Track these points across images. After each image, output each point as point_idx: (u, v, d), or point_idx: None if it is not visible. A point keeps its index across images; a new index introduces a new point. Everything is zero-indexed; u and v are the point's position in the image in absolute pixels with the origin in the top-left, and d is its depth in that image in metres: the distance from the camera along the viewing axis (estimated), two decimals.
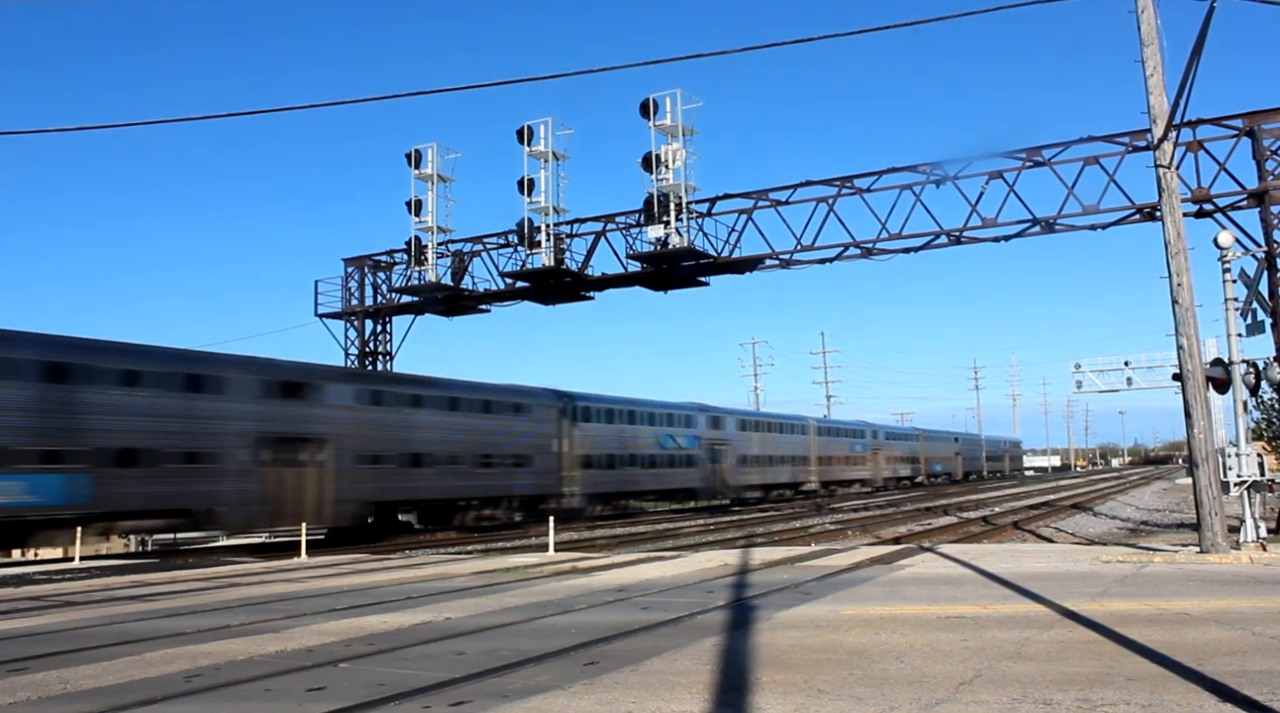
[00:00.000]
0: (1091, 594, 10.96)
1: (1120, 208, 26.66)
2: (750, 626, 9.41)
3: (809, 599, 11.33)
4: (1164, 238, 15.56)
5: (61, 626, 11.28)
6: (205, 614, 11.87)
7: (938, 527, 30.67)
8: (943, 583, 12.67)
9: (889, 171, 29.16)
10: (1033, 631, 8.60)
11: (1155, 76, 15.54)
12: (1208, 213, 25.76)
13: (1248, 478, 16.12)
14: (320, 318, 38.63)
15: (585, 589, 13.30)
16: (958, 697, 6.17)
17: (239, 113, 24.03)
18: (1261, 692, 6.03)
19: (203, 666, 8.16)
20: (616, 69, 14.51)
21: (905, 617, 9.69)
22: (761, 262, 31.14)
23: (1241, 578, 12.25)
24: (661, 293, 34.44)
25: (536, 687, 6.87)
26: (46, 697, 7.09)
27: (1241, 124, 25.33)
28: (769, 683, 6.74)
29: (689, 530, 32.72)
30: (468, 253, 35.55)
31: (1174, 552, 15.58)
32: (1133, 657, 7.27)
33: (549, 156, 32.32)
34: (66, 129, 16.48)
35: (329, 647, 8.98)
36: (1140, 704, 5.82)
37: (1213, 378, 16.96)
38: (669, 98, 30.00)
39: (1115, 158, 26.60)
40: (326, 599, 13.11)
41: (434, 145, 34.81)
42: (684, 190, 30.14)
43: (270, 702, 6.75)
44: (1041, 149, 27.57)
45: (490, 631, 9.72)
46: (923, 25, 24.74)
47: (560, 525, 32.44)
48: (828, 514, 40.42)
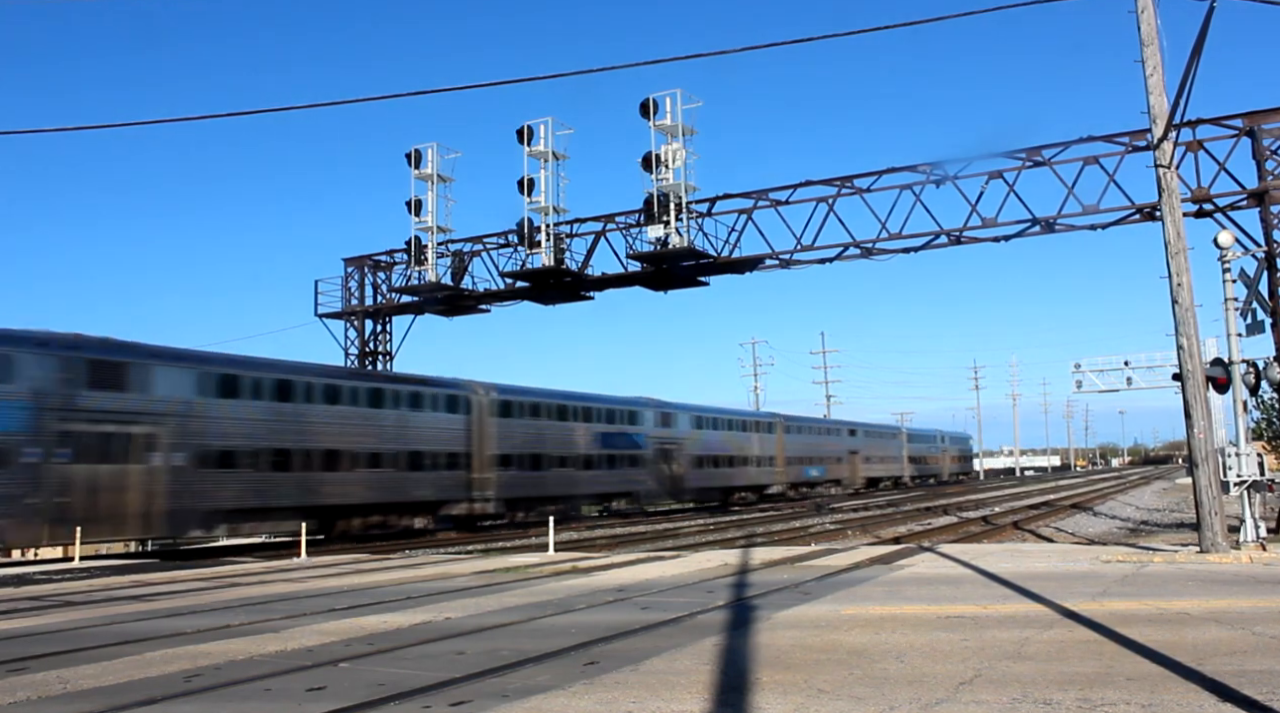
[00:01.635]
0: (1091, 594, 10.96)
1: (1120, 208, 26.67)
2: (750, 625, 9.41)
3: (809, 599, 11.33)
4: (1164, 238, 15.56)
5: (61, 625, 11.27)
6: (205, 614, 11.87)
7: (938, 527, 30.68)
8: (943, 583, 12.68)
9: (889, 171, 29.17)
10: (1033, 630, 8.60)
11: (1155, 76, 15.54)
12: (1208, 213, 25.77)
13: (1248, 478, 16.12)
14: (320, 318, 38.67)
15: (585, 589, 13.30)
16: (958, 697, 6.17)
17: (239, 113, 24.03)
18: (1261, 692, 6.03)
19: (203, 665, 8.16)
20: (616, 69, 14.52)
21: (905, 617, 9.69)
22: (761, 262, 31.15)
23: (1241, 578, 12.25)
24: (661, 293, 34.45)
25: (536, 687, 6.87)
26: (46, 697, 7.10)
27: (1241, 124, 25.33)
28: (769, 683, 6.74)
29: (689, 530, 32.73)
30: (468, 253, 35.57)
31: (1174, 552, 15.58)
32: (1133, 657, 7.28)
33: (549, 156, 32.33)
34: (66, 129, 16.49)
35: (329, 647, 8.99)
36: (1140, 704, 5.83)
37: (1213, 378, 16.96)
38: (669, 98, 30.02)
39: (1115, 158, 26.61)
40: (326, 599, 13.11)
41: (434, 145, 34.83)
42: (684, 190, 30.15)
43: (270, 702, 6.76)
44: (1041, 149, 27.57)
45: (490, 630, 9.72)
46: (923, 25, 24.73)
47: (560, 526, 32.47)
48: (827, 514, 40.44)
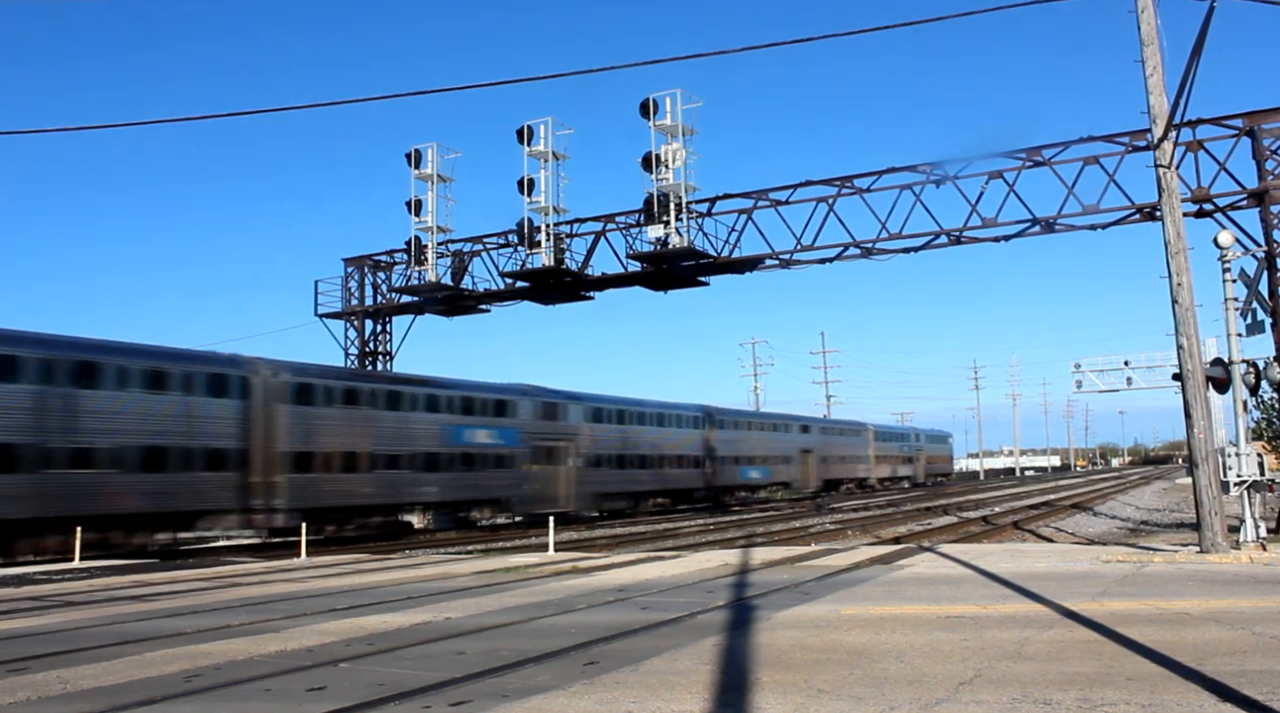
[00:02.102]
0: (1091, 594, 10.96)
1: (1120, 208, 26.67)
2: (750, 625, 9.41)
3: (809, 599, 11.33)
4: (1164, 238, 15.56)
5: (62, 625, 11.27)
6: (205, 614, 11.87)
7: (938, 527, 30.67)
8: (943, 583, 12.68)
9: (889, 171, 29.18)
10: (1033, 630, 8.60)
11: (1155, 76, 15.54)
12: (1208, 213, 25.77)
13: (1248, 478, 16.12)
14: (320, 318, 38.70)
15: (585, 589, 13.30)
16: (958, 697, 6.17)
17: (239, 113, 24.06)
18: (1261, 692, 6.03)
19: (203, 666, 8.16)
20: (616, 69, 14.53)
21: (905, 617, 9.69)
22: (761, 262, 31.16)
23: (1241, 578, 12.25)
24: (661, 293, 34.46)
25: (536, 687, 6.87)
26: (46, 697, 7.10)
27: (1241, 124, 25.34)
28: (769, 683, 6.74)
29: (689, 530, 32.74)
30: (468, 253, 35.57)
31: (1174, 552, 15.58)
32: (1133, 657, 7.28)
33: (549, 156, 32.35)
34: (66, 129, 16.52)
35: (329, 647, 8.99)
36: (1140, 704, 5.82)
37: (1213, 378, 16.95)
38: (669, 98, 30.03)
39: (1115, 158, 26.62)
40: (326, 599, 13.11)
41: (434, 145, 34.85)
42: (684, 190, 30.16)
43: (270, 702, 6.76)
44: (1041, 149, 27.58)
45: (490, 630, 9.72)
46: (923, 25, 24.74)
47: (561, 526, 32.46)
48: (828, 514, 40.50)
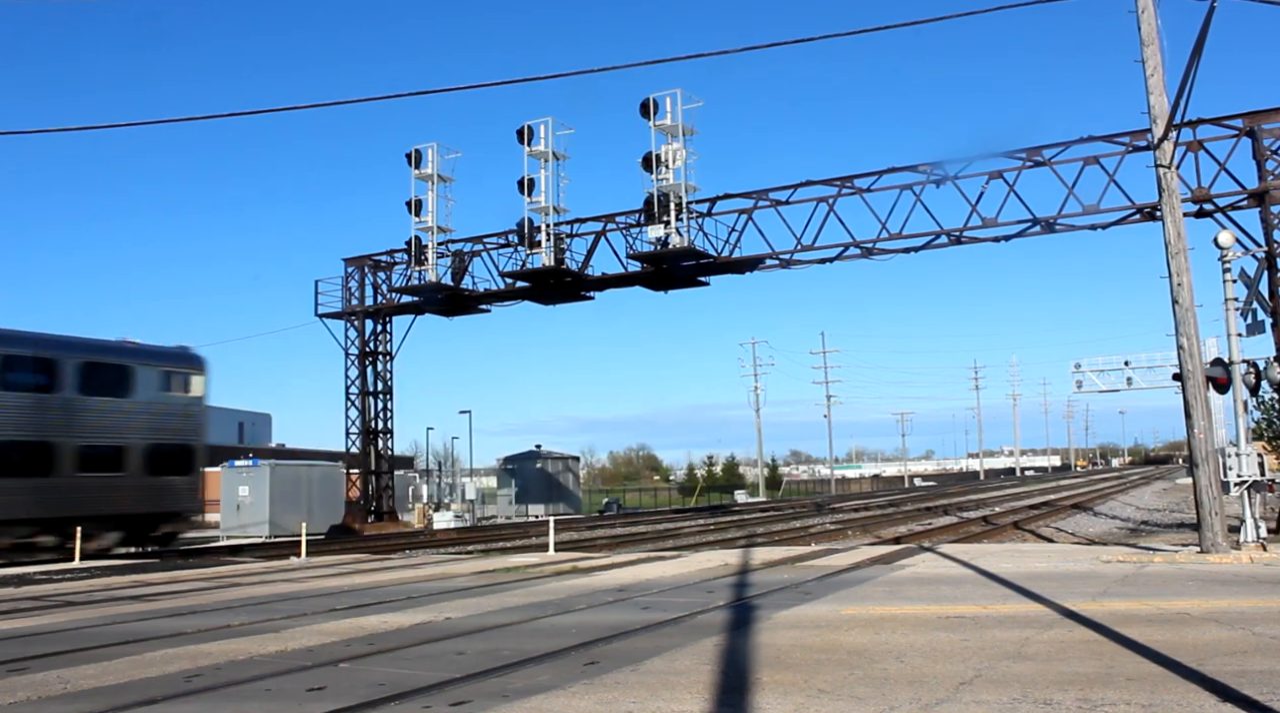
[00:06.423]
0: (1092, 594, 10.96)
1: (1120, 208, 26.69)
2: (750, 625, 9.41)
3: (809, 599, 11.33)
4: (1164, 238, 15.56)
5: (62, 625, 11.28)
6: (206, 614, 11.87)
7: (938, 527, 30.68)
8: (943, 583, 12.68)
9: (889, 171, 29.19)
10: (1033, 630, 8.60)
11: (1155, 76, 15.54)
12: (1208, 213, 25.78)
13: (1248, 478, 16.11)
14: (320, 318, 38.73)
15: (585, 589, 13.30)
16: (958, 697, 6.17)
17: (239, 113, 24.06)
18: (1262, 692, 6.03)
19: (203, 665, 8.16)
20: (616, 69, 14.54)
21: (905, 617, 9.69)
22: (761, 262, 31.17)
23: (1241, 578, 12.25)
24: (661, 293, 34.47)
25: (536, 687, 6.87)
26: (46, 697, 7.09)
27: (1241, 124, 25.34)
28: (769, 683, 6.74)
29: (689, 530, 32.74)
30: (468, 253, 35.59)
31: (1174, 552, 15.58)
32: (1133, 657, 7.27)
33: (549, 156, 32.36)
34: (67, 129, 16.51)
35: (329, 647, 8.99)
36: (1140, 704, 5.82)
37: (1213, 378, 16.95)
38: (669, 98, 30.05)
39: (1115, 158, 26.62)
40: (327, 599, 13.11)
41: (434, 145, 34.88)
42: (684, 190, 30.17)
43: (270, 702, 6.75)
44: (1041, 149, 27.59)
45: (490, 630, 9.72)
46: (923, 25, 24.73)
47: (561, 525, 32.45)
48: (828, 514, 40.47)
